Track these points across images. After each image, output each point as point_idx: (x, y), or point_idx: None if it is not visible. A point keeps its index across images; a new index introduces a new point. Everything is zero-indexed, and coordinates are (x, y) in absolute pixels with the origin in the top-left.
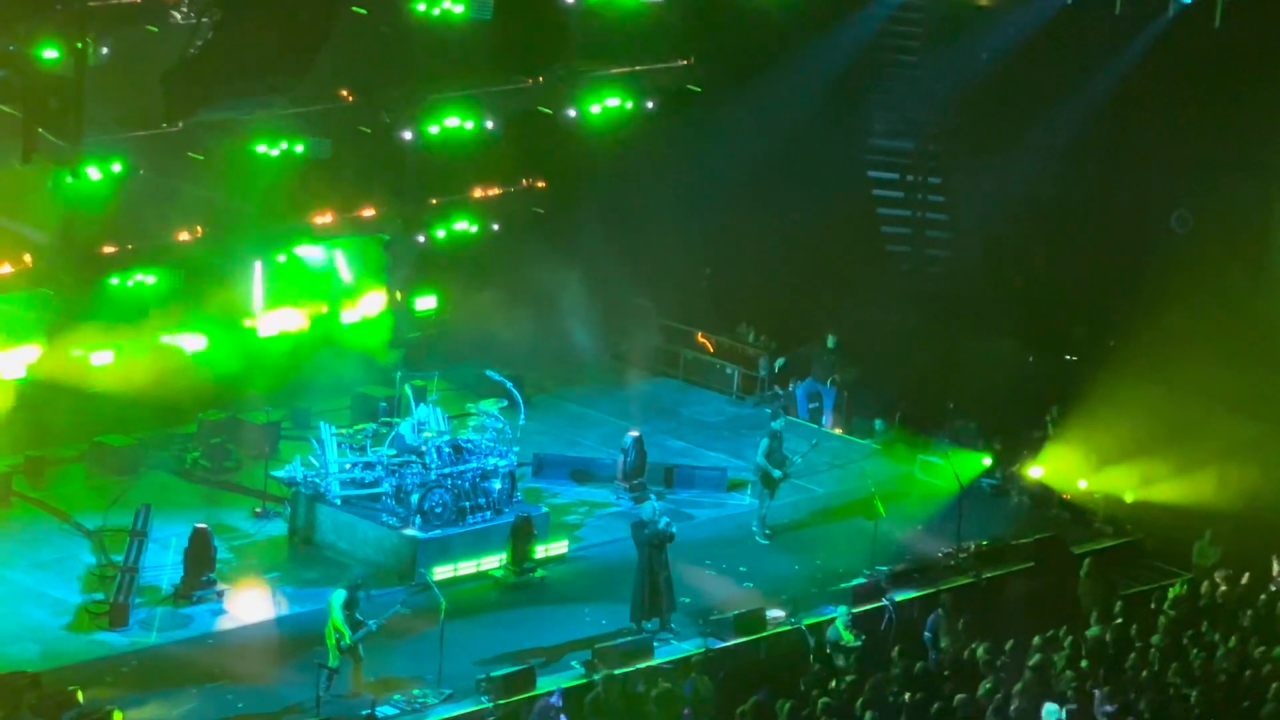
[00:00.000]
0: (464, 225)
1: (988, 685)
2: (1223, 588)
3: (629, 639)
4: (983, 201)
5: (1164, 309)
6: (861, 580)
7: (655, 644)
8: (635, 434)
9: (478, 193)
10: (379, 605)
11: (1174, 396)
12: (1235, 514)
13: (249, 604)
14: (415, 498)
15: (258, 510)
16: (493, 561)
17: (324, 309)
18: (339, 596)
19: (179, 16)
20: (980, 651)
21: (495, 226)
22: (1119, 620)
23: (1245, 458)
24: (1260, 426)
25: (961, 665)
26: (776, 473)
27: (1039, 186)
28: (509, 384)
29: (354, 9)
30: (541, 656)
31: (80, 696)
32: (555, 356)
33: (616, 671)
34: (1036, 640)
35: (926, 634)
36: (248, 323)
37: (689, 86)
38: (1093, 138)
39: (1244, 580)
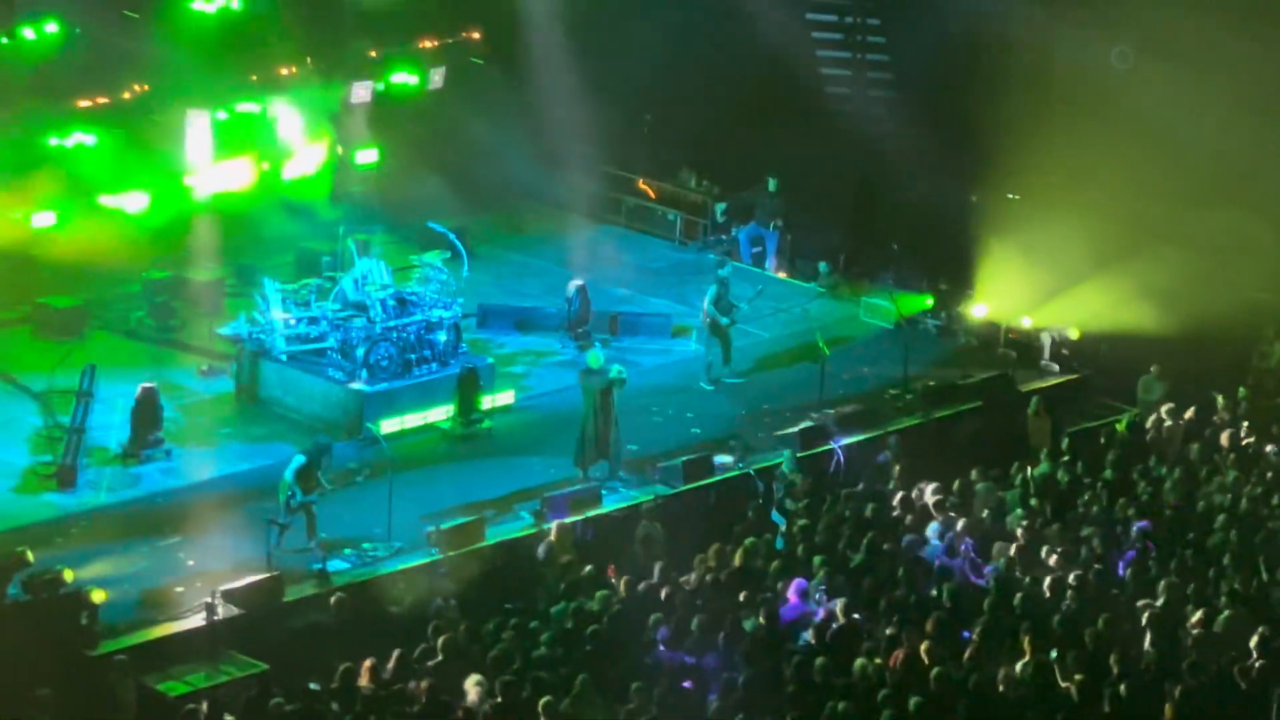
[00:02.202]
0: (403, 77)
1: (937, 526)
2: (1168, 422)
3: (578, 487)
4: (923, 42)
5: (1106, 144)
6: (809, 424)
7: (604, 492)
8: (579, 282)
9: (417, 44)
10: (335, 469)
11: (1116, 231)
12: (1179, 347)
13: (197, 462)
14: (360, 352)
15: (203, 369)
16: (439, 413)
17: (265, 165)
18: (298, 460)
19: None
20: (929, 492)
21: (434, 77)
22: (1067, 457)
23: (1188, 291)
24: (1202, 260)
25: (910, 506)
26: (725, 320)
27: (979, 25)
28: (451, 235)
29: None
30: (490, 507)
31: (30, 557)
32: (497, 206)
33: (568, 520)
34: (976, 475)
35: (876, 476)
36: (189, 180)
37: None
38: None
39: (1189, 414)
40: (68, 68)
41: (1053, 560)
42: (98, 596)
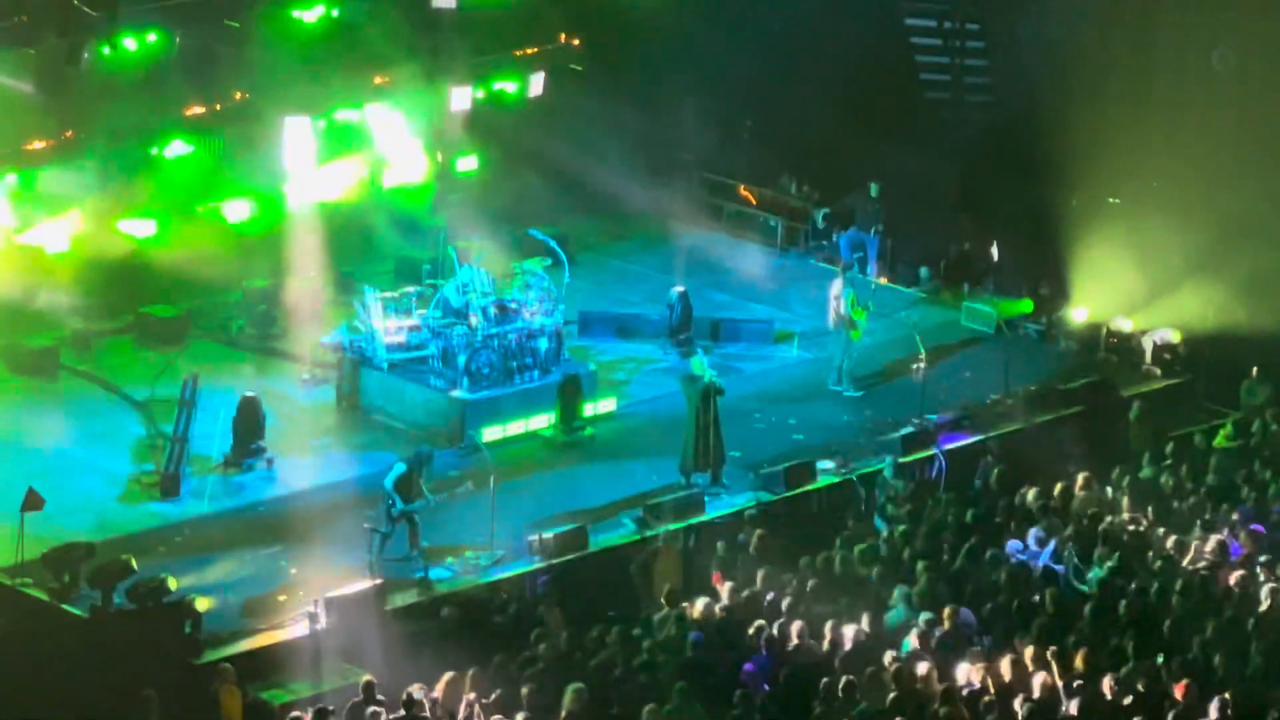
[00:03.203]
0: (503, 84)
1: (1039, 531)
2: (1274, 426)
3: (680, 494)
4: (1021, 46)
5: (1206, 146)
6: (910, 429)
7: (706, 498)
8: (680, 289)
9: (517, 51)
10: (438, 473)
11: (1217, 232)
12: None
13: (299, 470)
14: (462, 359)
15: (305, 376)
16: (541, 421)
17: (365, 173)
18: (398, 469)
19: None
20: (1030, 497)
21: (534, 84)
22: (1169, 462)
23: None
24: None
25: (1013, 511)
26: (862, 321)
27: (1078, 27)
28: (552, 242)
29: None
30: (593, 515)
31: (135, 566)
32: (598, 213)
33: (674, 526)
34: (1078, 481)
35: (977, 481)
36: (289, 189)
37: None
38: None
39: None
40: (168, 77)
41: (1158, 565)
42: (202, 605)
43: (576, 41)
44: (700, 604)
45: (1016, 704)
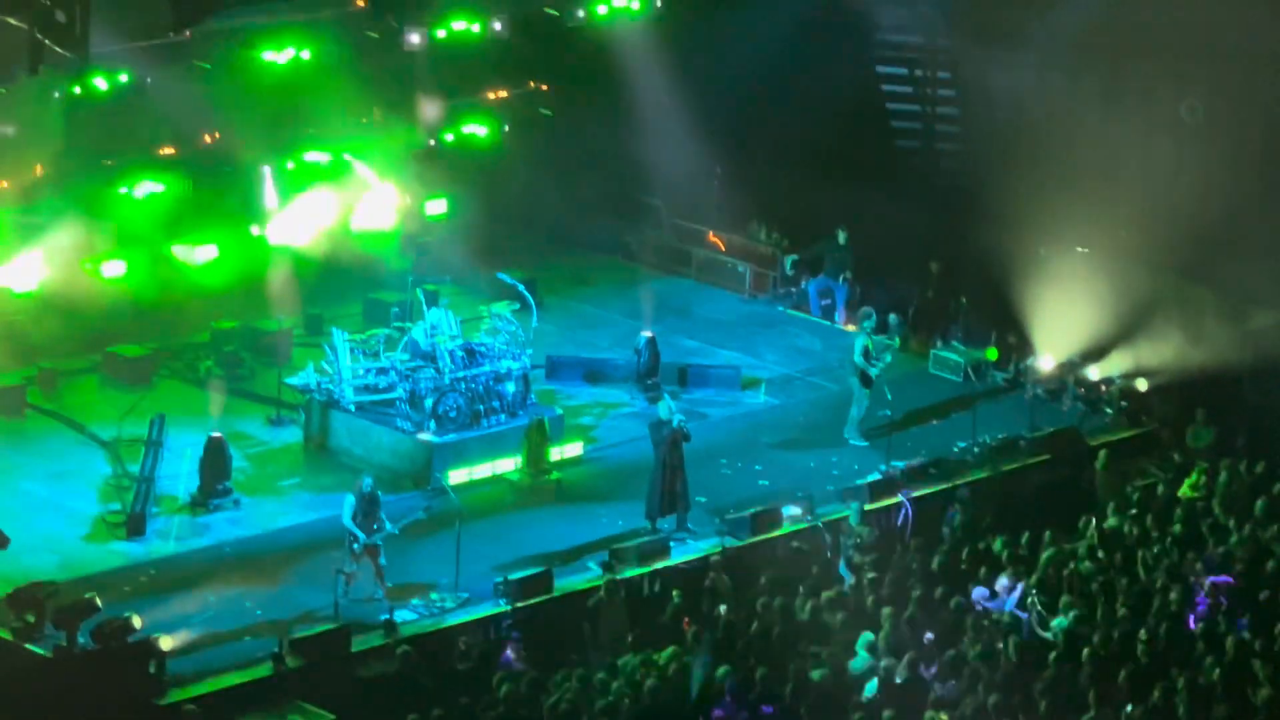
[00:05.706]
0: (473, 128)
1: (1005, 579)
2: (1238, 475)
3: (645, 539)
4: (992, 95)
5: (1173, 197)
6: (877, 476)
7: (672, 544)
8: (648, 334)
9: (486, 96)
10: (398, 510)
11: (1185, 284)
12: (1253, 399)
13: (265, 511)
14: (429, 402)
15: (272, 418)
16: (508, 464)
17: (334, 215)
18: (348, 503)
19: None
20: (997, 545)
21: (505, 129)
22: (1135, 511)
23: (1261, 343)
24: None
25: (979, 559)
26: (874, 371)
27: (1047, 79)
28: (521, 286)
29: None
30: (558, 559)
31: (100, 605)
32: (566, 257)
33: (618, 576)
34: (1045, 530)
35: (944, 529)
36: (257, 231)
37: None
38: (1101, 28)
39: (1259, 468)
40: (139, 117)
41: (1119, 614)
42: (166, 645)
43: (545, 87)
44: (667, 649)
45: None
